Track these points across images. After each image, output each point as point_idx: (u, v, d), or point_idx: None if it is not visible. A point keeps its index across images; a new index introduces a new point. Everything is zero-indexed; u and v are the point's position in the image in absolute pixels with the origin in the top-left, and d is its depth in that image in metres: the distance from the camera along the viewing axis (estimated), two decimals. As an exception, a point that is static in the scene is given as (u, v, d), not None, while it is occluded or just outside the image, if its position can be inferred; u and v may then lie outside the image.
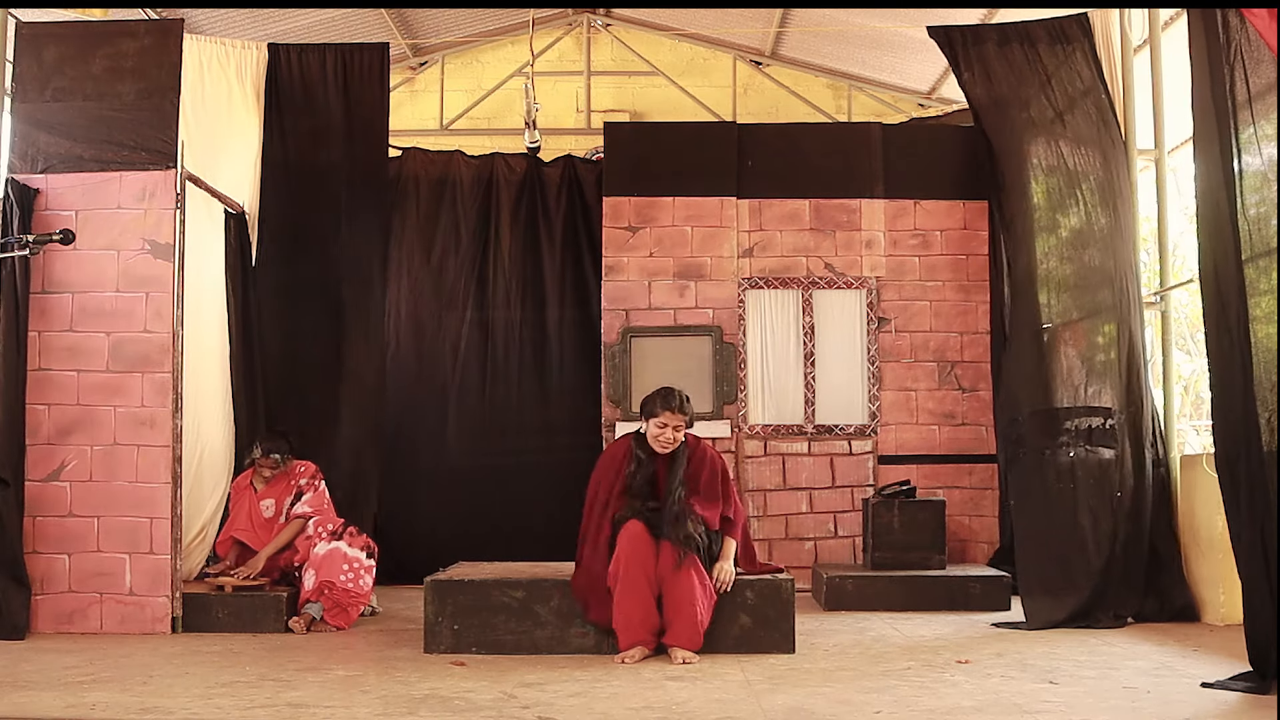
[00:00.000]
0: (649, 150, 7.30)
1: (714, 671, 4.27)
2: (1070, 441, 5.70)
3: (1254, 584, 3.96)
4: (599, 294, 7.23)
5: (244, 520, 5.65)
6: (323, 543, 5.43)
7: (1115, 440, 5.70)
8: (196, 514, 5.79)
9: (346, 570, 5.37)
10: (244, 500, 5.70)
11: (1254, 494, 3.93)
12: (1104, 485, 5.66)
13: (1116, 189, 6.06)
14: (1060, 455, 5.69)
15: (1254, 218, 3.94)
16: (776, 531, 6.96)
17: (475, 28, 9.66)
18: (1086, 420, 5.73)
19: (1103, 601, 5.44)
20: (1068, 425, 5.74)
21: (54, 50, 5.59)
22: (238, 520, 5.67)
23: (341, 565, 5.37)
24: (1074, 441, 5.70)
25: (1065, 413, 5.77)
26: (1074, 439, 5.71)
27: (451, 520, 7.32)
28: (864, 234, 7.16)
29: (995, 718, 3.50)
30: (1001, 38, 6.52)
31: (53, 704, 3.67)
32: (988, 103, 6.47)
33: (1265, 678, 3.82)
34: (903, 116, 9.30)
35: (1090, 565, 5.51)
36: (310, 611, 5.35)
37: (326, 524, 5.52)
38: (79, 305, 5.41)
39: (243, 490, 5.75)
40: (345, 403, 6.34)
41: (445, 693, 3.88)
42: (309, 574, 5.38)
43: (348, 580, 5.36)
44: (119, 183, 5.47)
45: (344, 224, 6.38)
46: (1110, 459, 5.68)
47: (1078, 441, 5.70)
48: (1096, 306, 5.95)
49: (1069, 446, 5.70)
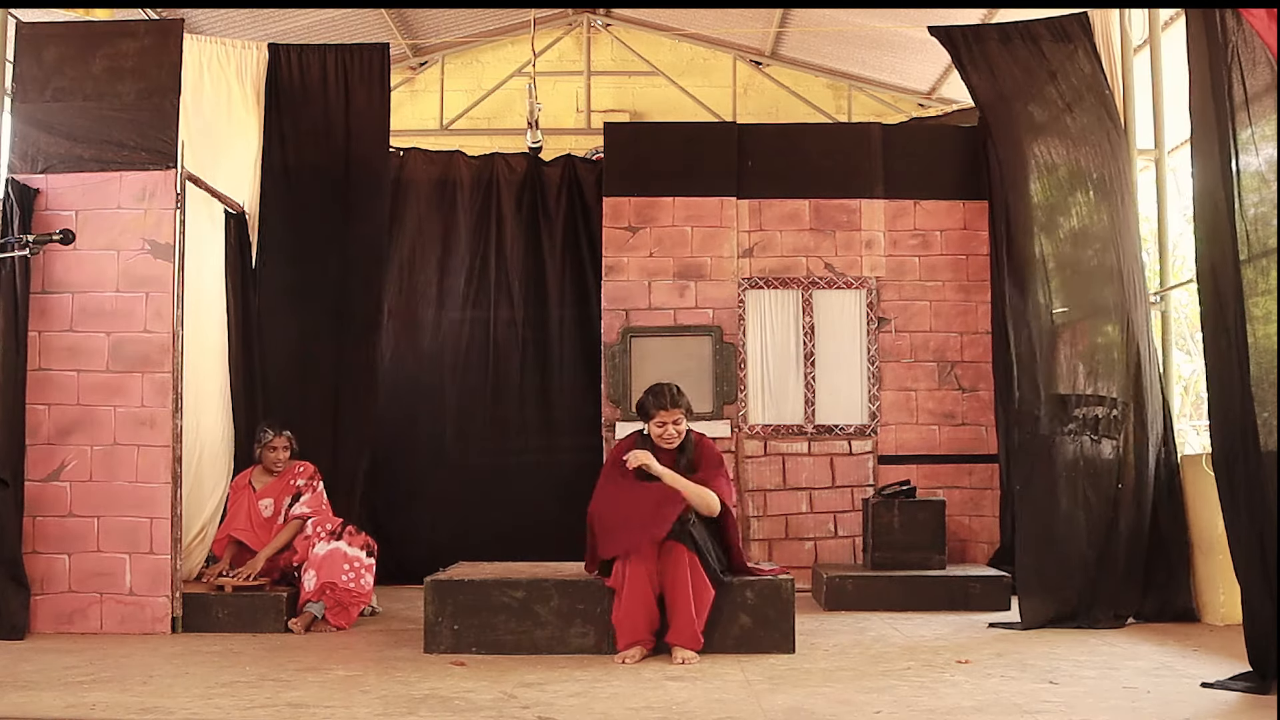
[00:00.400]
0: (649, 150, 7.30)
1: (714, 671, 4.27)
2: (1077, 430, 5.66)
3: (1252, 584, 3.96)
4: (599, 294, 7.24)
5: (243, 520, 5.65)
6: (322, 543, 5.43)
7: (1118, 431, 5.66)
8: (197, 514, 5.78)
9: (347, 570, 5.37)
10: (242, 499, 5.70)
11: (1251, 494, 3.94)
12: (1104, 477, 5.61)
13: (1120, 184, 6.05)
14: (1067, 443, 5.63)
15: (1253, 218, 3.94)
16: (776, 531, 6.96)
17: (475, 28, 9.66)
18: (1094, 409, 5.68)
19: (1101, 599, 5.41)
20: (1077, 413, 5.69)
21: (54, 50, 5.59)
22: (236, 519, 5.67)
23: (342, 565, 5.37)
24: (1080, 430, 5.66)
25: (1076, 400, 5.71)
26: (1081, 427, 5.66)
27: (451, 520, 7.32)
28: (864, 234, 7.16)
29: (995, 718, 3.50)
30: (1003, 36, 6.51)
31: (53, 704, 3.67)
32: (994, 98, 6.46)
33: (1265, 678, 3.82)
34: (903, 116, 9.30)
35: (1086, 559, 5.48)
36: (312, 611, 5.34)
37: (325, 524, 5.52)
38: (79, 305, 5.41)
39: (241, 489, 5.75)
40: (344, 403, 6.34)
41: (445, 693, 3.88)
42: (309, 574, 5.38)
43: (349, 580, 5.37)
44: (119, 183, 5.47)
45: (343, 224, 6.38)
46: (1112, 451, 5.64)
47: (1083, 430, 5.66)
48: (1103, 301, 5.91)
49: (1075, 435, 5.65)
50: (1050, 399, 5.76)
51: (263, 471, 5.78)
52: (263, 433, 5.74)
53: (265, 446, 5.72)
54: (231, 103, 6.39)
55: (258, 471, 5.79)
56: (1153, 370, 5.80)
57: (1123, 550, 5.54)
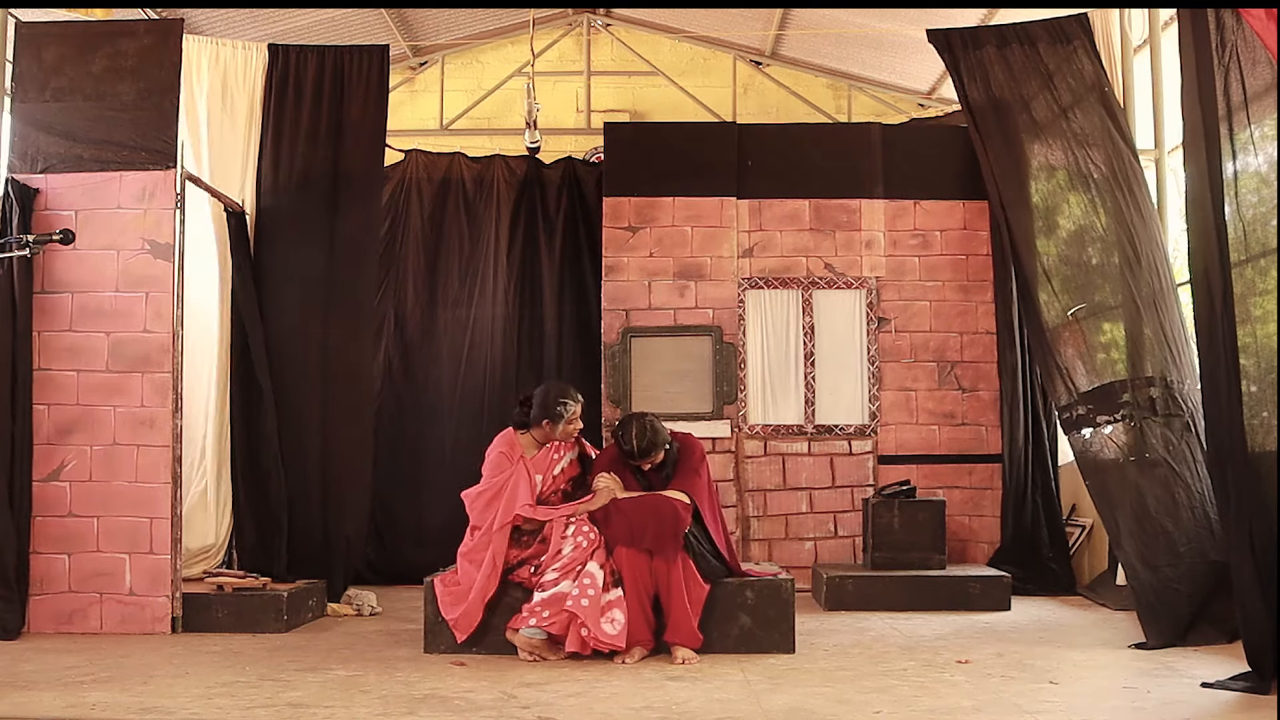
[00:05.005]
0: (649, 150, 7.30)
1: (714, 671, 4.28)
2: (1131, 413, 5.46)
3: (1247, 585, 3.96)
4: (599, 294, 7.24)
5: (528, 493, 4.89)
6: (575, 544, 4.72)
7: (1181, 410, 5.36)
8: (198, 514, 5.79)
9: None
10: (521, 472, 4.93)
11: (1243, 494, 3.94)
12: (1184, 451, 5.29)
13: (1128, 180, 6.04)
14: (1123, 427, 5.45)
15: (1252, 218, 3.94)
16: (776, 531, 6.96)
17: (475, 28, 9.66)
18: (1146, 391, 5.49)
19: (1219, 597, 4.84)
20: (1124, 399, 5.56)
21: (54, 50, 5.59)
22: (521, 494, 4.86)
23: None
24: (1136, 413, 5.44)
25: (1121, 385, 5.59)
26: (1135, 410, 5.46)
27: (452, 521, 7.30)
28: (864, 234, 7.16)
29: (995, 718, 3.50)
30: (1001, 40, 6.53)
31: (53, 704, 3.68)
32: (989, 104, 6.47)
33: (1264, 678, 3.83)
34: (903, 116, 9.29)
35: (1201, 541, 5.02)
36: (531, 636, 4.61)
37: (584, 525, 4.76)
38: (79, 305, 5.41)
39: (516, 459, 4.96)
40: (343, 403, 6.32)
41: (445, 693, 3.88)
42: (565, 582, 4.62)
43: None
44: (119, 183, 5.47)
45: (342, 224, 6.37)
46: (1183, 429, 5.31)
47: (1139, 413, 5.43)
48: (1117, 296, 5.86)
49: (1131, 419, 5.43)
50: (1088, 395, 5.68)
51: (532, 443, 5.06)
52: (562, 405, 4.94)
53: (568, 419, 4.97)
54: (231, 103, 6.39)
55: (528, 442, 5.07)
56: (1188, 348, 5.55)
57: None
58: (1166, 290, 5.76)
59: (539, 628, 4.53)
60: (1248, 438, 3.92)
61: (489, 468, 4.91)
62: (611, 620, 4.49)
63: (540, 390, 5.04)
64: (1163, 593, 4.95)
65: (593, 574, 4.56)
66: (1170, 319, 5.69)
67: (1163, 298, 5.74)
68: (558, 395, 4.96)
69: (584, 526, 4.70)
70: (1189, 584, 4.92)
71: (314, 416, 6.19)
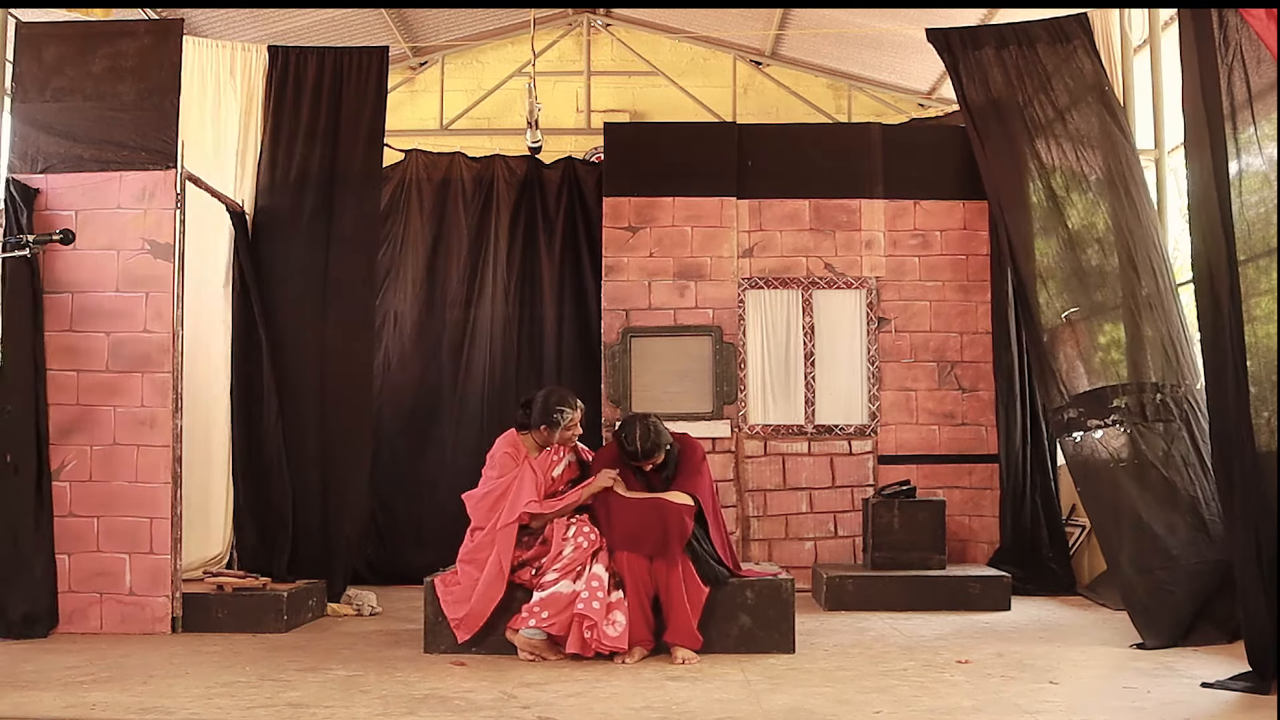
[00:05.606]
0: (649, 150, 7.30)
1: (714, 671, 4.28)
2: (1122, 419, 5.47)
3: (1250, 584, 3.96)
4: (599, 294, 7.24)
5: (534, 490, 4.84)
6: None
7: (1171, 415, 5.37)
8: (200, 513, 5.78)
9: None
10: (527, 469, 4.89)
11: (1249, 494, 3.94)
12: (1175, 456, 5.29)
13: (1127, 179, 6.04)
14: (1114, 434, 5.46)
15: (1253, 218, 3.93)
16: (776, 531, 6.96)
17: (475, 28, 9.66)
18: (1138, 396, 5.50)
19: (1220, 597, 4.81)
20: (1115, 403, 5.57)
21: (54, 50, 5.59)
22: (526, 490, 4.82)
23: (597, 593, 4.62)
24: (1128, 418, 5.45)
25: (1113, 390, 5.60)
26: (1126, 416, 5.47)
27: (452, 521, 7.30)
28: (864, 234, 7.16)
29: (995, 718, 3.50)
30: (1000, 40, 6.53)
31: (53, 704, 3.68)
32: (985, 108, 6.47)
33: (1265, 678, 3.82)
34: (903, 117, 9.30)
35: (1195, 541, 5.03)
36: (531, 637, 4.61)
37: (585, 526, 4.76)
38: (79, 305, 5.41)
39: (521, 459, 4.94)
40: (343, 402, 6.32)
41: (445, 693, 3.88)
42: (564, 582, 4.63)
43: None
44: (119, 183, 5.47)
45: (342, 224, 6.37)
46: (1178, 433, 5.31)
47: (1130, 419, 5.44)
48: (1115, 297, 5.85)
49: (1122, 424, 5.45)
50: (1079, 399, 5.69)
51: (534, 444, 5.02)
52: (559, 412, 4.89)
53: (566, 426, 4.93)
54: (231, 103, 6.39)
55: (530, 443, 5.03)
56: (1190, 350, 5.55)
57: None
58: (1166, 290, 5.76)
59: (539, 628, 4.53)
60: (1254, 437, 3.92)
61: (495, 467, 4.90)
62: (613, 622, 4.50)
63: (540, 396, 5.04)
64: (1155, 595, 4.96)
65: (599, 576, 4.56)
66: (1170, 319, 5.69)
67: (1163, 298, 5.73)
68: (556, 402, 4.95)
69: (584, 528, 4.70)
70: (1184, 586, 4.92)
71: (314, 416, 6.19)
